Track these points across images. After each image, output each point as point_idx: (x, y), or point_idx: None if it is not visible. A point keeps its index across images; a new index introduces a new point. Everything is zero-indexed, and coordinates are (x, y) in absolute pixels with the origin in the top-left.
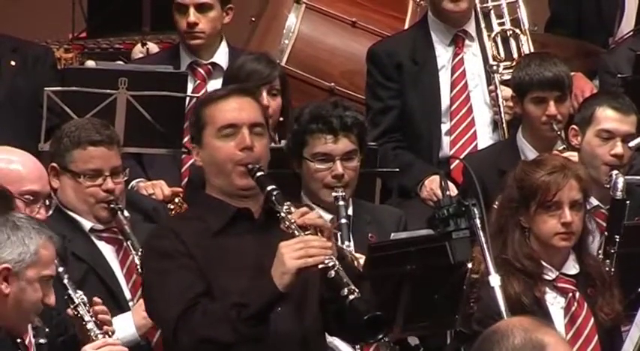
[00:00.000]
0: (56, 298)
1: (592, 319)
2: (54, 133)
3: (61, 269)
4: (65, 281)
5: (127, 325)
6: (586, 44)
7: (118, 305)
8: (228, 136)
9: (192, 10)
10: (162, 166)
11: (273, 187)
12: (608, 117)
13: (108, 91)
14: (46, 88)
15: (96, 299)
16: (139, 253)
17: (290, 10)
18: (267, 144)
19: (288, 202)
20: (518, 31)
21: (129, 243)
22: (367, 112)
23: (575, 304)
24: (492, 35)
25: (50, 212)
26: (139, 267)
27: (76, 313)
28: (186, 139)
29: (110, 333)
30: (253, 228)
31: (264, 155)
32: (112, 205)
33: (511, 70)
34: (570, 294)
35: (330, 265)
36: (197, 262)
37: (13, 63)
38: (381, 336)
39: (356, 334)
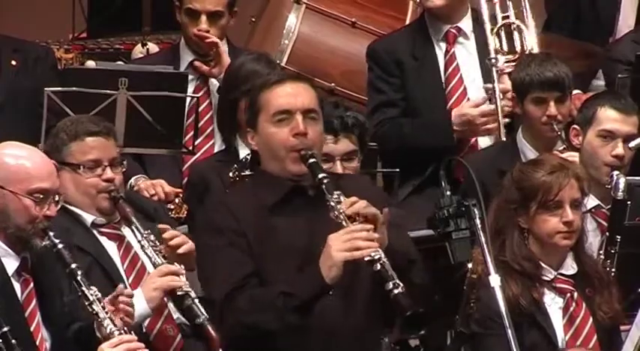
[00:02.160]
0: (66, 291)
1: (590, 319)
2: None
3: (74, 265)
4: (79, 278)
5: (137, 300)
6: (586, 44)
7: None
8: (282, 121)
9: (204, 18)
10: (162, 166)
11: (324, 175)
12: (609, 117)
13: (108, 91)
14: (46, 89)
15: (118, 289)
16: (145, 235)
17: (290, 10)
18: (321, 130)
19: (338, 192)
20: (522, 24)
21: (133, 227)
22: (371, 109)
23: (574, 304)
24: (496, 28)
25: (59, 207)
26: (145, 248)
27: (91, 310)
28: (186, 139)
29: (126, 329)
30: (307, 204)
31: (318, 141)
32: (113, 194)
33: (513, 63)
34: (568, 294)
35: (376, 258)
36: (248, 239)
37: (13, 63)
38: (422, 332)
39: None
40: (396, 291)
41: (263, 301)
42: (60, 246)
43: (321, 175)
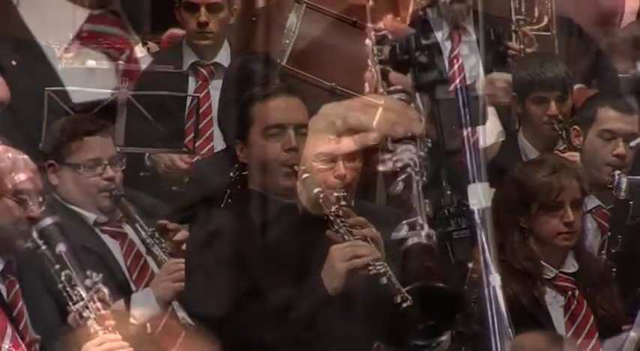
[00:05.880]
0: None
1: (592, 317)
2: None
3: (57, 266)
4: (62, 278)
5: (146, 299)
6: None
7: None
8: (274, 135)
9: (203, 10)
10: None
11: (319, 189)
12: (610, 117)
13: (109, 90)
14: (46, 88)
15: (102, 291)
16: (150, 232)
17: (291, 9)
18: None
19: (336, 206)
20: None
21: (137, 225)
22: None
23: (575, 302)
24: None
25: (42, 208)
26: (150, 245)
27: (75, 309)
28: (187, 139)
29: (110, 328)
30: (297, 223)
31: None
32: (114, 193)
33: (528, 27)
34: (570, 292)
35: (382, 271)
36: (243, 257)
37: (13, 63)
38: (434, 344)
39: (403, 340)
40: (404, 304)
41: (265, 316)
42: (43, 247)
43: (316, 190)
